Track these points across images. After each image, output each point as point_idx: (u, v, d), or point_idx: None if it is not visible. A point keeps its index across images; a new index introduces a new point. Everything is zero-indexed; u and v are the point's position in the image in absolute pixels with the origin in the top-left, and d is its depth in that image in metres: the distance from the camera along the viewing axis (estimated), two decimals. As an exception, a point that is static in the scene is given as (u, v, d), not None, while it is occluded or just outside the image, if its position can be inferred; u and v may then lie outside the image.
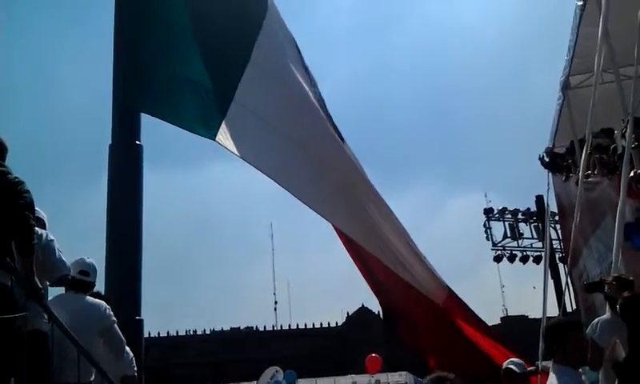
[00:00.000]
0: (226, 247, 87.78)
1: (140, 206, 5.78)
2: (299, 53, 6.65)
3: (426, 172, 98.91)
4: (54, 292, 4.36)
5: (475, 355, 6.51)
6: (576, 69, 12.76)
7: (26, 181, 3.65)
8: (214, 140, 5.47)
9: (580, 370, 4.83)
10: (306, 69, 6.58)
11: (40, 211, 4.03)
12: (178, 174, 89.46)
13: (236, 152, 5.49)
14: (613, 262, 6.67)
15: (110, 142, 5.82)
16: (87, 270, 4.60)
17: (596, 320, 5.69)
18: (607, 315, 5.52)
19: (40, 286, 3.51)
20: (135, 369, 5.00)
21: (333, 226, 6.54)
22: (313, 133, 6.25)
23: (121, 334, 4.62)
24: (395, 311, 7.33)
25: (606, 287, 5.10)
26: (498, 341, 6.75)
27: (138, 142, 5.82)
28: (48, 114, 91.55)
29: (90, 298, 4.54)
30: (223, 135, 5.50)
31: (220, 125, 5.52)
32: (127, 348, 4.85)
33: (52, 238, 3.97)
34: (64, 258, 4.04)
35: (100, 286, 5.36)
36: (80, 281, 4.53)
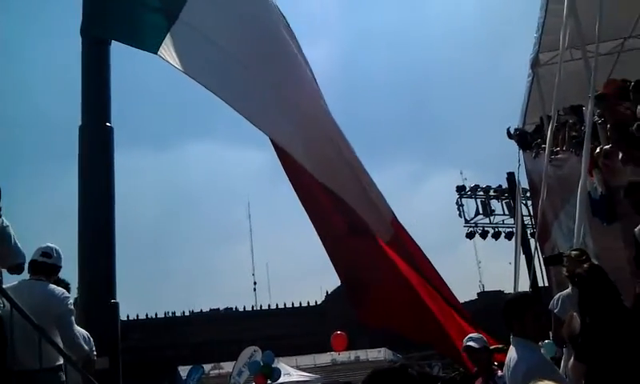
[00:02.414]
0: (203, 228, 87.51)
1: (112, 188, 5.76)
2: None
3: (404, 151, 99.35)
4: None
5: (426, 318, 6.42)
6: (545, 46, 12.90)
7: None
8: (156, 53, 5.52)
9: (540, 343, 4.97)
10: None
11: None
12: (153, 156, 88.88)
13: (178, 65, 5.49)
14: (575, 237, 6.86)
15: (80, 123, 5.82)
16: (49, 252, 4.53)
17: (557, 295, 5.87)
18: (568, 290, 5.70)
19: None
20: (95, 353, 4.86)
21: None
22: (266, 59, 6.16)
23: (74, 325, 4.50)
24: (352, 283, 7.07)
25: (564, 260, 5.23)
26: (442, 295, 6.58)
27: (108, 124, 5.81)
28: (20, 95, 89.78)
29: (49, 284, 4.46)
30: (165, 49, 5.54)
31: (163, 40, 5.58)
32: (84, 332, 4.76)
33: (7, 224, 3.95)
34: (19, 246, 4.04)
35: (73, 269, 5.38)
36: (42, 263, 4.45)
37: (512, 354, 3.80)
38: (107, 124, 5.80)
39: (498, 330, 5.96)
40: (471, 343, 5.12)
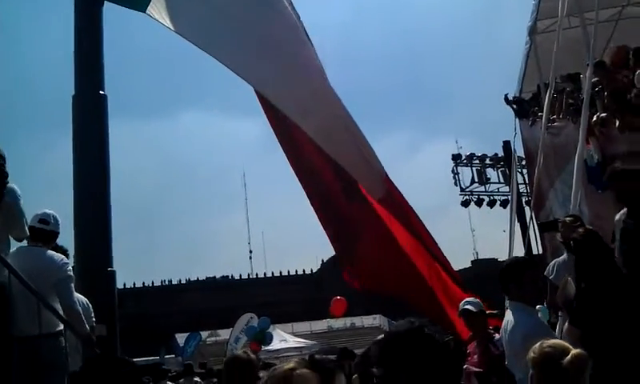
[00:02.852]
0: (199, 197, 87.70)
1: (106, 156, 5.74)
2: None
3: (400, 120, 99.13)
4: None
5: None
6: (543, 13, 12.77)
7: None
8: (145, 12, 5.48)
9: (537, 307, 5.00)
10: None
11: None
12: (150, 124, 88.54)
13: (167, 24, 5.45)
14: (572, 203, 6.87)
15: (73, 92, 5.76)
16: (47, 219, 4.52)
17: (552, 261, 5.89)
18: (564, 256, 5.72)
19: None
20: (94, 320, 4.90)
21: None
22: (258, 15, 6.03)
23: (73, 291, 4.51)
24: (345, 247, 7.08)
25: (559, 226, 5.24)
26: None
27: (101, 92, 5.77)
28: (14, 65, 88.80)
29: (47, 251, 4.46)
30: (154, 8, 5.48)
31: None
32: (83, 298, 4.79)
33: (20, 195, 3.97)
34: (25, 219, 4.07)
35: (69, 238, 5.37)
36: (40, 230, 4.44)
37: (509, 317, 3.82)
38: (101, 92, 5.76)
39: (491, 297, 5.94)
40: (469, 306, 5.12)
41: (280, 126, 6.57)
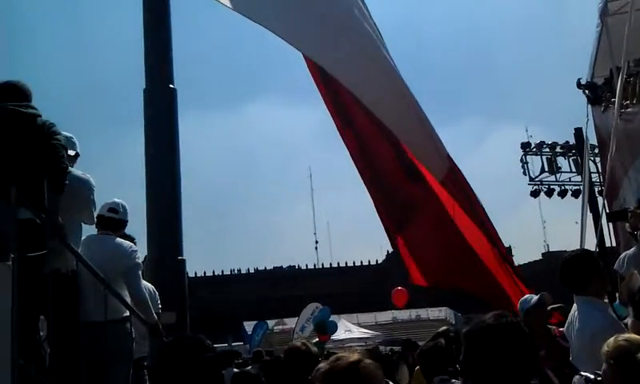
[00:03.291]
0: (266, 187, 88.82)
1: (176, 148, 5.93)
2: None
3: (467, 108, 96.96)
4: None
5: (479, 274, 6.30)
6: (616, -6, 12.21)
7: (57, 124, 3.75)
8: None
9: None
10: None
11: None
12: (218, 116, 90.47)
13: (228, 4, 5.42)
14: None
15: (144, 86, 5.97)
16: (116, 208, 4.63)
17: (622, 254, 5.66)
18: (634, 249, 5.50)
19: (63, 225, 3.55)
20: (160, 307, 4.99)
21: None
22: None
23: (140, 279, 4.60)
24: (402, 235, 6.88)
25: (629, 215, 5.02)
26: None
27: (171, 86, 5.94)
28: (87, 60, 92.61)
29: (117, 238, 4.56)
30: None
31: None
32: (150, 286, 4.88)
33: (94, 185, 4.17)
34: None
35: (141, 228, 5.61)
36: (109, 219, 4.56)
37: (576, 313, 3.67)
38: (170, 86, 5.95)
39: (562, 290, 5.86)
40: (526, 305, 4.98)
41: (337, 107, 6.58)
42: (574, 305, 3.76)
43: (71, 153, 4.13)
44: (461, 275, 6.46)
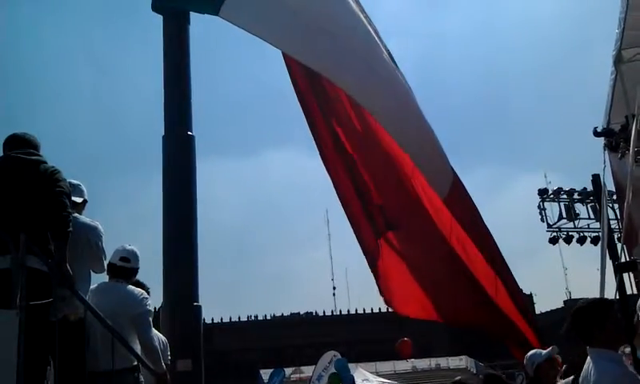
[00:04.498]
0: (283, 233, 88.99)
1: (194, 195, 5.96)
2: None
3: (484, 154, 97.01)
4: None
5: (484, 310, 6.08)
6: (629, 42, 12.29)
7: (61, 170, 3.77)
8: (217, 15, 5.49)
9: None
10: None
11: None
12: (237, 162, 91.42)
13: (241, 24, 5.47)
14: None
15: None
16: (128, 257, 4.65)
17: (639, 302, 5.61)
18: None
19: (71, 273, 3.56)
20: (169, 357, 4.96)
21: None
22: (337, 17, 5.99)
23: (151, 327, 4.58)
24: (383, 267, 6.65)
25: (638, 266, 4.99)
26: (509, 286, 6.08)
27: (189, 133, 6.05)
28: (110, 108, 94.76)
29: (128, 286, 4.58)
30: (227, 11, 5.49)
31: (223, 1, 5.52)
32: (160, 336, 4.87)
33: (102, 233, 4.19)
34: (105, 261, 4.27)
35: (157, 273, 5.66)
36: (121, 268, 4.58)
37: (591, 366, 3.51)
38: (189, 132, 6.05)
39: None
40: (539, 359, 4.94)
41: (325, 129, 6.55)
42: (588, 357, 3.61)
43: (78, 200, 4.18)
44: (460, 308, 6.36)
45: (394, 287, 6.50)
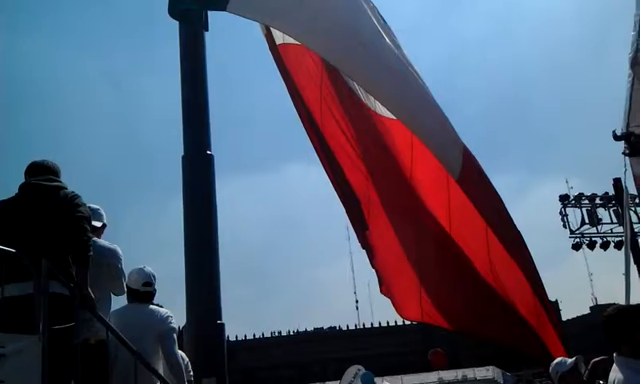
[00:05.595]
0: (306, 248, 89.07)
1: (214, 213, 6.00)
2: None
3: (508, 160, 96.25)
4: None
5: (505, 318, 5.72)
6: (645, 44, 12.23)
7: (81, 195, 3.82)
8: (225, 10, 5.44)
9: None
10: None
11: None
12: (257, 178, 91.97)
13: (249, 15, 5.43)
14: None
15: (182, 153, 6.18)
16: (150, 281, 4.76)
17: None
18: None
19: (93, 296, 3.61)
20: (191, 375, 5.01)
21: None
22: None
23: (176, 342, 4.67)
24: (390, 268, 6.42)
25: None
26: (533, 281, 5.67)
27: (208, 152, 6.12)
28: (132, 129, 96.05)
29: (152, 306, 4.70)
30: (234, 4, 5.42)
31: None
32: (183, 354, 4.92)
33: (121, 256, 4.27)
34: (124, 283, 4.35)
35: (181, 293, 5.73)
36: (144, 293, 4.69)
37: (618, 375, 3.46)
38: (208, 152, 6.12)
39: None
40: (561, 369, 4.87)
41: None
42: (614, 365, 3.57)
43: (97, 224, 4.26)
44: (481, 320, 6.02)
45: (395, 287, 6.35)
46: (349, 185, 6.48)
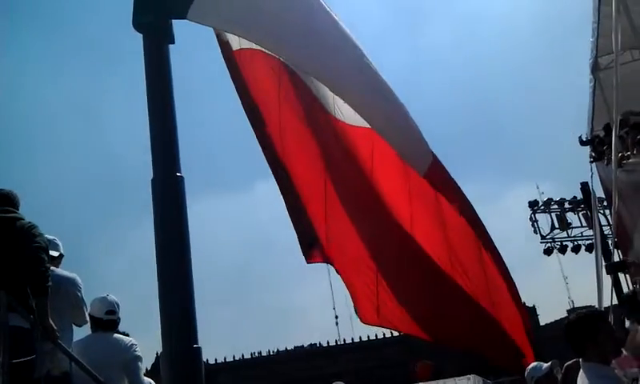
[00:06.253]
0: (281, 266, 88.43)
1: (186, 236, 5.99)
2: None
3: (476, 168, 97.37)
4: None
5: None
6: (604, 49, 12.56)
7: (38, 225, 3.75)
8: (186, 18, 5.13)
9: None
10: None
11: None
12: (227, 198, 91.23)
13: (211, 24, 5.27)
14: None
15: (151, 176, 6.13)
16: (113, 309, 4.70)
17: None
18: (644, 301, 5.48)
19: (54, 327, 3.56)
20: None
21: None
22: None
23: (141, 370, 4.64)
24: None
25: (629, 267, 5.05)
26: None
27: (178, 174, 6.08)
28: (100, 152, 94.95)
29: (116, 335, 4.65)
30: (194, 11, 5.10)
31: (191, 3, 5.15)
32: (150, 381, 4.89)
33: (81, 286, 4.24)
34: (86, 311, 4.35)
35: (155, 318, 5.69)
36: (108, 321, 4.65)
37: (585, 382, 3.49)
38: (177, 174, 6.09)
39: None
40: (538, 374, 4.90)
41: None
42: (581, 370, 3.60)
43: (55, 254, 4.21)
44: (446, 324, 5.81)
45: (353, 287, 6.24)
46: (299, 197, 6.42)
